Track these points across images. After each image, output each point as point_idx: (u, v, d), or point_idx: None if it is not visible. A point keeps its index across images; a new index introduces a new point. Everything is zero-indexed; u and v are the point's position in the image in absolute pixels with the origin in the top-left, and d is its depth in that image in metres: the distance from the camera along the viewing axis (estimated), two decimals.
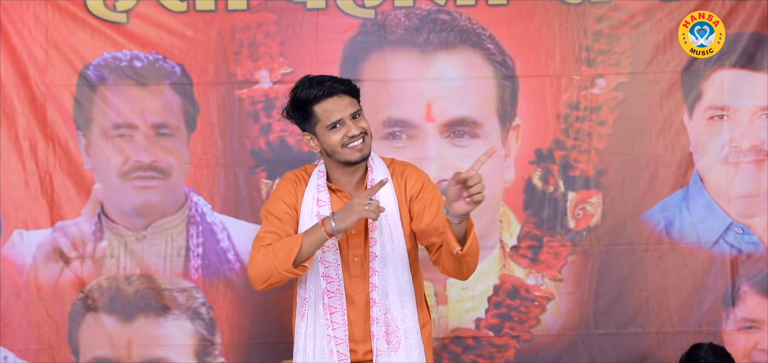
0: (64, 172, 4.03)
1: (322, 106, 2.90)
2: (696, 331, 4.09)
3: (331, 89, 2.90)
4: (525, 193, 4.11)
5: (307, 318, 2.94)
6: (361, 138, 2.89)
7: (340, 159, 2.91)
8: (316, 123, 2.91)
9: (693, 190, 4.08)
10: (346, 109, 2.90)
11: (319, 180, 2.97)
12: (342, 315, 2.91)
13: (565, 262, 4.11)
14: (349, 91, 2.93)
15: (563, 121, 4.09)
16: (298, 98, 2.93)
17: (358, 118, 2.92)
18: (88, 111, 4.03)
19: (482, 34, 4.07)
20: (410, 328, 2.92)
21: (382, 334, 2.89)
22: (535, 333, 4.13)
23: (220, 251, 4.08)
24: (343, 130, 2.88)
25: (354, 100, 2.94)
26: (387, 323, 2.90)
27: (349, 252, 2.95)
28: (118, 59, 4.02)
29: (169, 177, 4.06)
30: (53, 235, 4.04)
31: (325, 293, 2.91)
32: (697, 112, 4.08)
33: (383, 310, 2.90)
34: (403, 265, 2.94)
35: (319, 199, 2.94)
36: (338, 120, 2.89)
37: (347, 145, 2.88)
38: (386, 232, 2.92)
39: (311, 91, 2.90)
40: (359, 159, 2.91)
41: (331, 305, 2.91)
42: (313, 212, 2.93)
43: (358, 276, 2.94)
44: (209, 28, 4.05)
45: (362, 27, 4.07)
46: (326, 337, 2.90)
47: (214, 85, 4.06)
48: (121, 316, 4.07)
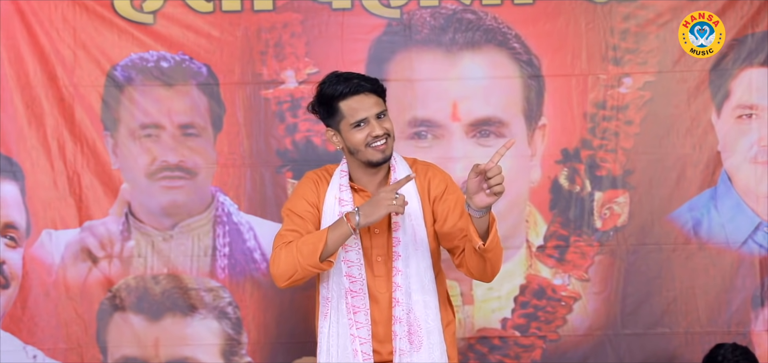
0: (91, 172, 4.05)
1: (348, 104, 2.89)
2: (724, 332, 4.05)
3: (357, 87, 2.89)
4: (551, 192, 4.09)
5: (330, 318, 2.94)
6: (384, 139, 2.89)
7: (362, 158, 2.91)
8: (340, 120, 2.91)
9: (721, 189, 4.06)
10: (372, 108, 2.90)
11: (342, 179, 2.97)
12: (365, 314, 2.90)
13: (592, 262, 4.09)
14: (375, 90, 2.93)
15: (590, 120, 4.07)
16: (324, 94, 2.92)
17: (383, 119, 2.92)
18: (116, 111, 4.05)
19: (508, 33, 4.06)
20: (432, 328, 2.91)
21: (404, 334, 2.88)
22: (561, 333, 4.11)
23: (246, 251, 4.08)
24: (367, 130, 2.88)
25: (380, 99, 2.94)
26: (409, 323, 2.89)
27: (373, 251, 2.94)
28: (145, 60, 4.04)
29: (196, 177, 4.07)
30: (81, 235, 4.05)
31: (348, 292, 2.90)
32: (725, 111, 4.05)
33: (406, 310, 2.89)
34: (426, 265, 2.94)
35: (341, 199, 2.94)
36: (363, 119, 2.88)
37: (370, 144, 2.88)
38: (409, 231, 2.92)
39: (337, 87, 2.89)
40: (381, 160, 2.91)
41: (355, 304, 2.90)
42: (335, 211, 2.93)
43: (381, 275, 2.94)
44: (235, 29, 4.05)
45: (388, 27, 4.06)
46: (349, 337, 2.89)
47: (240, 85, 4.06)
48: (149, 316, 4.08)
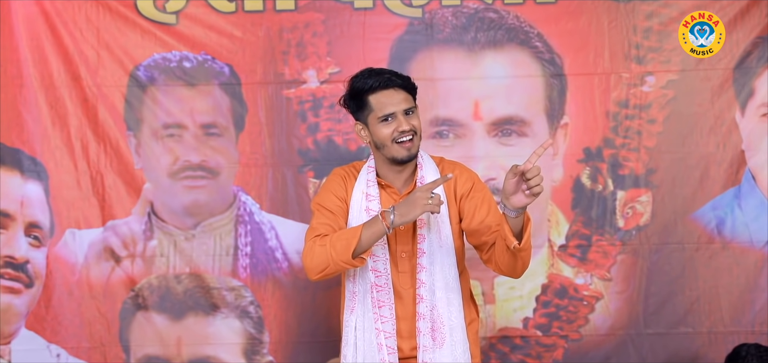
0: (114, 172, 4.06)
1: (377, 97, 2.91)
2: (748, 332, 4.03)
3: (387, 81, 2.91)
4: (573, 191, 4.08)
5: (356, 312, 2.94)
6: (410, 135, 2.89)
7: (388, 154, 2.92)
8: (368, 113, 2.92)
9: (745, 188, 4.03)
10: (400, 103, 2.91)
11: (369, 175, 2.98)
12: (390, 309, 2.91)
13: (614, 262, 4.07)
14: (405, 87, 2.94)
15: (612, 119, 4.05)
16: (355, 87, 2.94)
17: (411, 116, 2.92)
18: (139, 111, 4.06)
19: (530, 32, 4.05)
20: (455, 325, 2.92)
21: (427, 331, 2.89)
22: (583, 333, 4.10)
23: (268, 250, 4.08)
24: (394, 125, 2.89)
25: (409, 96, 2.94)
26: (433, 320, 2.90)
27: (397, 247, 2.95)
28: (168, 60, 4.05)
29: (218, 176, 4.07)
30: (104, 234, 4.06)
31: (373, 287, 2.91)
32: (749, 110, 4.03)
33: (429, 307, 2.90)
34: (450, 262, 2.94)
35: (368, 194, 2.95)
36: (390, 113, 2.89)
37: (396, 140, 2.89)
38: (434, 228, 2.93)
39: (368, 80, 2.91)
40: (406, 157, 2.91)
41: (380, 299, 2.91)
42: (362, 207, 2.94)
43: (405, 272, 2.95)
44: (257, 29, 4.06)
45: (409, 26, 4.06)
46: (374, 331, 2.90)
47: (262, 85, 4.07)
48: (171, 315, 4.09)
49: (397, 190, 2.96)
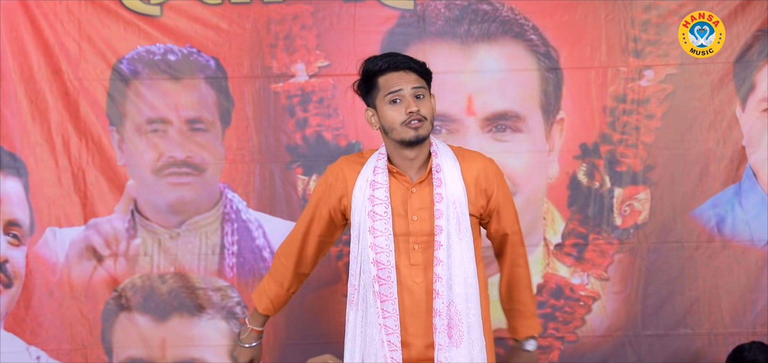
0: (97, 169, 4.02)
1: (386, 78, 2.82)
2: (749, 333, 3.98)
3: (399, 63, 2.83)
4: (569, 189, 4.04)
5: (357, 306, 2.87)
6: (418, 118, 2.78)
7: (396, 138, 2.81)
8: (377, 95, 2.83)
9: (746, 185, 4.00)
10: (409, 83, 2.81)
11: (379, 161, 2.88)
12: (393, 304, 2.80)
13: (612, 261, 4.04)
14: (418, 71, 2.85)
15: (609, 114, 4.01)
16: (366, 69, 2.87)
17: (422, 100, 2.81)
18: (122, 106, 4.02)
19: (525, 24, 4.01)
20: (473, 323, 2.82)
21: (444, 328, 2.79)
22: (580, 334, 4.06)
23: (255, 249, 4.05)
24: (402, 106, 2.78)
25: (422, 80, 2.85)
26: (450, 316, 2.80)
27: (410, 239, 2.84)
28: (152, 53, 4.01)
29: (204, 173, 4.04)
30: (86, 233, 4.03)
31: (375, 280, 2.81)
32: (750, 105, 3.99)
33: (446, 303, 2.79)
34: (469, 256, 2.84)
35: (375, 181, 2.85)
36: (398, 90, 2.78)
37: (405, 122, 2.78)
38: (453, 220, 2.82)
39: (379, 62, 2.84)
40: (413, 139, 2.79)
41: (383, 293, 2.80)
42: (366, 195, 2.85)
43: (418, 264, 2.83)
44: (244, 21, 4.01)
45: (401, 18, 4.02)
46: (377, 327, 2.80)
47: (250, 78, 4.03)
48: (155, 316, 4.05)
49: (410, 179, 2.86)
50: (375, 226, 2.81)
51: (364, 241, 2.83)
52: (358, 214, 2.86)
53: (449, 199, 2.80)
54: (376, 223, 2.81)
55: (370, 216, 2.82)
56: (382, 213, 2.81)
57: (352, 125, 4.00)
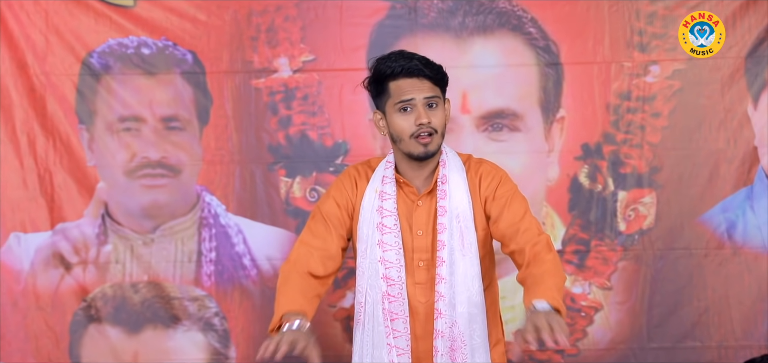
0: (65, 170, 3.97)
1: (398, 83, 2.74)
2: (761, 346, 3.94)
3: (412, 69, 2.74)
4: (570, 192, 3.99)
5: (364, 324, 2.81)
6: (429, 130, 2.73)
7: (404, 149, 2.77)
8: (387, 100, 2.77)
9: (758, 188, 3.95)
10: (422, 91, 2.73)
11: (386, 171, 2.84)
12: (404, 322, 2.76)
13: (615, 269, 3.99)
14: (433, 78, 2.75)
15: (613, 112, 3.97)
16: (377, 69, 2.79)
17: (434, 109, 2.74)
18: (92, 103, 3.97)
19: (523, 17, 3.97)
20: (478, 346, 2.76)
21: (446, 350, 2.74)
22: (581, 347, 3.99)
23: (234, 256, 4.00)
24: (413, 116, 2.72)
25: (437, 89, 2.77)
26: (453, 338, 2.75)
27: (414, 255, 2.79)
28: (125, 46, 3.96)
29: (180, 175, 3.99)
30: (53, 239, 3.97)
31: (385, 297, 2.77)
32: (762, 102, 3.94)
33: (449, 323, 2.74)
34: (473, 274, 2.77)
35: (383, 192, 2.81)
36: (409, 100, 2.72)
37: (414, 134, 2.72)
38: (457, 235, 2.76)
39: (391, 64, 2.75)
40: (421, 155, 2.75)
41: (392, 311, 2.76)
42: (375, 206, 2.80)
43: (422, 283, 2.79)
44: (223, 12, 3.97)
45: (391, 10, 3.98)
46: (386, 347, 2.75)
47: (229, 74, 3.98)
48: (127, 327, 4.00)
49: (417, 190, 2.82)
50: (384, 240, 2.77)
51: (372, 255, 2.78)
52: (366, 227, 2.81)
53: (453, 213, 2.75)
54: (385, 237, 2.77)
55: (378, 228, 2.78)
56: (391, 226, 2.77)
57: (339, 124, 3.96)
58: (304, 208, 3.91)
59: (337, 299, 3.92)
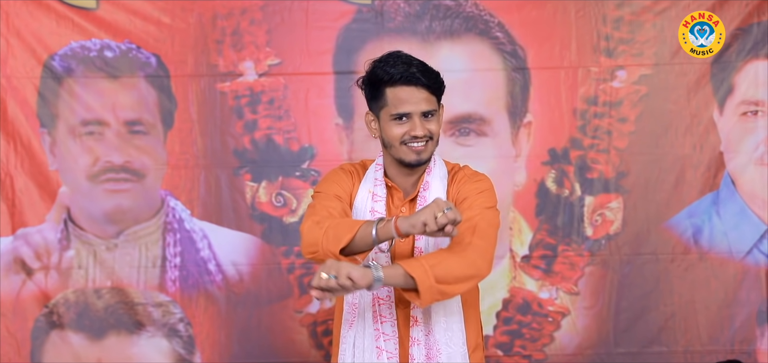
0: (26, 174, 3.93)
1: (395, 91, 2.69)
2: (727, 351, 3.96)
3: (410, 77, 2.68)
4: (537, 197, 3.99)
5: (355, 327, 2.77)
6: (424, 140, 2.70)
7: (395, 155, 2.73)
8: (383, 106, 2.72)
9: (724, 193, 3.97)
10: (419, 104, 2.69)
11: (377, 173, 2.81)
12: (392, 326, 2.71)
13: (582, 274, 3.99)
14: (430, 87, 2.71)
15: (580, 117, 3.97)
16: (374, 73, 2.73)
17: (430, 119, 2.71)
18: (54, 106, 3.93)
19: (490, 21, 3.97)
20: (454, 353, 2.72)
21: (421, 357, 2.71)
22: (548, 352, 4.00)
23: (199, 261, 3.98)
24: (408, 126, 2.68)
25: (433, 98, 2.73)
26: (428, 346, 2.71)
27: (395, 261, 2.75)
28: (87, 49, 3.93)
29: (144, 179, 3.97)
30: (14, 244, 3.94)
31: (375, 300, 2.74)
32: (728, 108, 3.97)
33: (425, 331, 2.72)
34: None
35: (375, 194, 2.77)
36: (406, 113, 2.68)
37: (407, 142, 2.70)
38: (432, 242, 2.73)
39: (390, 70, 2.68)
40: (414, 162, 2.71)
41: (382, 314, 2.73)
42: (367, 207, 2.76)
43: None
44: (188, 15, 3.96)
45: (358, 13, 3.97)
46: (375, 350, 2.72)
47: (194, 77, 3.96)
48: (90, 334, 3.96)
49: (404, 194, 2.79)
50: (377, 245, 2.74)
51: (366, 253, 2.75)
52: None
53: None
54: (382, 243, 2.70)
55: None
56: None
57: (305, 128, 3.95)
58: (270, 213, 3.89)
59: (303, 305, 3.89)
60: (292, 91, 3.92)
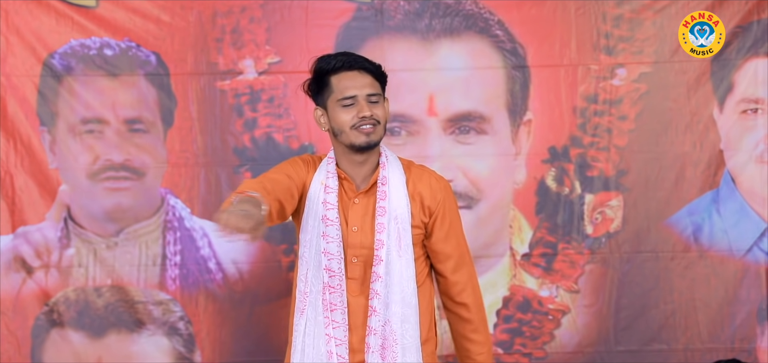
0: (26, 172, 3.93)
1: (339, 78, 2.78)
2: (727, 348, 3.96)
3: (353, 62, 2.79)
4: (537, 195, 3.99)
5: (306, 314, 2.82)
6: (371, 122, 2.76)
7: (346, 141, 2.78)
8: (329, 96, 2.79)
9: (724, 191, 3.96)
10: (364, 87, 2.77)
11: (329, 165, 2.86)
12: (342, 313, 2.79)
13: (582, 272, 3.99)
14: (372, 72, 2.81)
15: (580, 115, 3.96)
16: (318, 66, 2.82)
17: (375, 104, 2.78)
18: (54, 104, 3.93)
19: (490, 19, 3.96)
20: (409, 345, 2.80)
21: (377, 347, 2.78)
22: (548, 350, 4.00)
23: (199, 260, 3.98)
24: (355, 110, 2.75)
25: (377, 83, 2.81)
26: (384, 336, 2.79)
27: (348, 251, 2.83)
28: (87, 47, 3.92)
29: (144, 177, 3.96)
30: (14, 242, 3.93)
31: (326, 288, 2.80)
32: (728, 106, 3.96)
33: (382, 322, 2.79)
34: (409, 275, 2.81)
35: (327, 186, 2.83)
36: (352, 96, 2.75)
37: (356, 126, 2.75)
38: (394, 236, 2.80)
39: (331, 61, 2.80)
40: (364, 144, 2.76)
41: (332, 302, 2.79)
42: (320, 198, 2.82)
43: (355, 278, 2.82)
44: (188, 13, 3.95)
45: (357, 11, 3.97)
46: (324, 337, 2.79)
47: (194, 75, 3.95)
48: (90, 332, 3.96)
49: (356, 186, 2.84)
50: (327, 232, 2.79)
51: (317, 246, 2.80)
52: (311, 218, 2.83)
53: (392, 214, 2.78)
54: (328, 229, 2.78)
55: (323, 220, 2.80)
56: (333, 219, 2.79)
57: (305, 126, 3.94)
58: None
59: None
60: (292, 89, 3.89)
